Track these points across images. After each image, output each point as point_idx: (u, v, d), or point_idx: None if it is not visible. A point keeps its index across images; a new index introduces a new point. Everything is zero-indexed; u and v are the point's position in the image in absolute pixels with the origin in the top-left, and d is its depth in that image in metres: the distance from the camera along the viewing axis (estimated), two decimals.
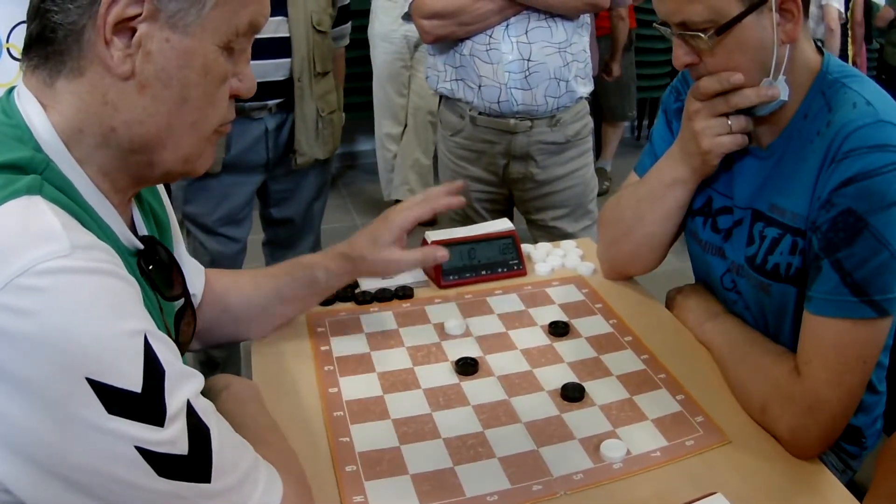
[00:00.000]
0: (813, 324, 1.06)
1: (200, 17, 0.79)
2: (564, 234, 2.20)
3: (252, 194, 2.27)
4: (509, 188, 2.25)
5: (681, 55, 1.17)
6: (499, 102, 2.07)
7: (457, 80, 2.13)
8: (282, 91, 2.14)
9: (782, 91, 1.14)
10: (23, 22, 1.46)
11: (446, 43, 2.12)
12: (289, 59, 2.12)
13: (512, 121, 2.10)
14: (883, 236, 1.01)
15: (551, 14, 2.03)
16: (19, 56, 1.48)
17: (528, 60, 2.03)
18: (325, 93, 2.28)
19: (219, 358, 2.27)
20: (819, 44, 1.21)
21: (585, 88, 2.16)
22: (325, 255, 1.28)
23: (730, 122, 1.20)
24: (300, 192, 2.37)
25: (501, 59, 2.03)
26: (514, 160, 2.17)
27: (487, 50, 2.04)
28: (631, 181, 1.45)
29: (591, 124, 2.27)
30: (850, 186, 1.03)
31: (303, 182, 2.35)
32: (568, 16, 2.05)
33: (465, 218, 2.28)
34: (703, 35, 1.11)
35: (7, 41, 1.50)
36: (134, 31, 0.78)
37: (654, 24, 1.22)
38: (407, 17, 2.18)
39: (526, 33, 2.02)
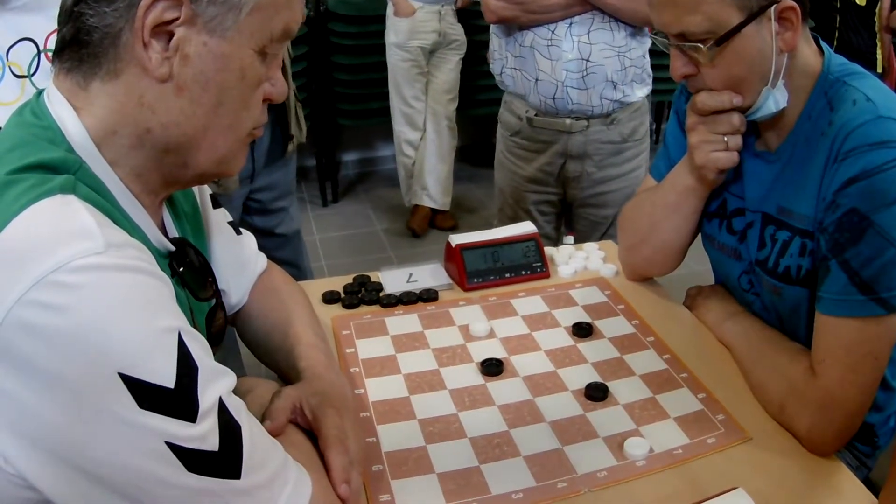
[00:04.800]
0: (824, 324, 1.07)
1: (237, 21, 0.81)
2: (609, 233, 2.22)
3: (240, 208, 2.23)
4: (564, 187, 2.27)
5: (679, 67, 1.16)
6: (554, 99, 2.09)
7: (516, 69, 2.15)
8: None
9: (781, 97, 1.14)
10: (21, 40, 1.49)
11: (510, 28, 2.14)
12: None
13: (567, 120, 2.12)
14: (888, 233, 1.01)
15: (615, 18, 2.04)
16: (20, 73, 1.51)
17: (587, 61, 2.04)
18: (293, 79, 2.29)
19: (216, 357, 2.22)
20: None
21: (642, 91, 2.17)
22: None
23: (726, 139, 1.20)
24: (282, 185, 2.33)
25: (561, 56, 2.05)
26: (571, 159, 2.18)
27: (548, 45, 2.06)
28: (647, 185, 1.47)
29: (648, 123, 2.26)
30: (853, 186, 1.03)
31: (282, 176, 2.32)
32: (633, 24, 2.05)
33: (517, 219, 2.28)
34: (702, 46, 1.11)
35: (7, 59, 1.52)
36: (172, 34, 0.79)
37: (650, 35, 1.22)
38: None
39: (588, 34, 2.03)
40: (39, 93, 0.86)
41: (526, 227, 1.58)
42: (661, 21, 1.14)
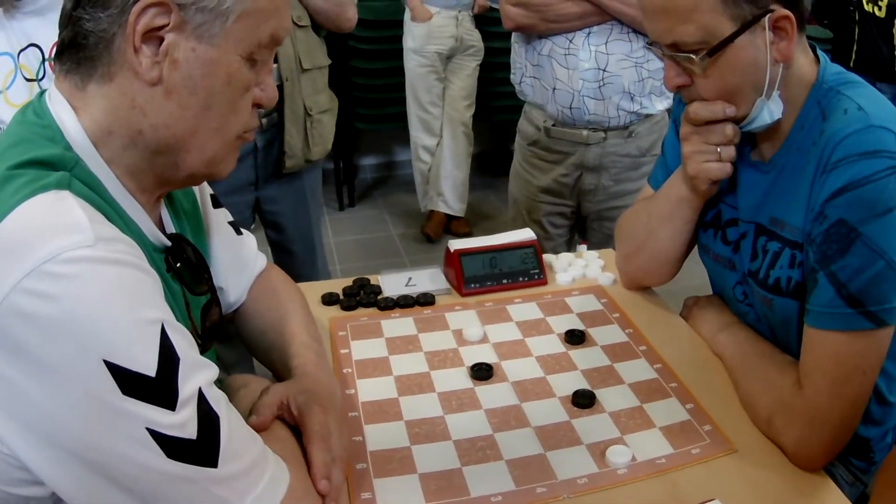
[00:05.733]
0: (812, 337, 1.06)
1: (224, 28, 0.83)
2: None
3: (245, 214, 2.23)
4: (578, 200, 2.25)
5: (672, 77, 1.16)
6: (570, 108, 2.08)
7: (535, 77, 2.15)
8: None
9: (776, 108, 1.13)
10: (30, 45, 1.54)
11: (530, 36, 2.14)
12: (276, 66, 2.07)
13: (584, 132, 2.11)
14: (877, 245, 1.00)
15: (635, 29, 2.03)
16: (30, 77, 1.55)
17: (604, 71, 2.03)
18: (314, 92, 2.25)
19: (229, 360, 2.22)
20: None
21: (662, 104, 2.15)
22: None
23: (719, 150, 1.20)
24: (293, 201, 2.33)
25: (578, 65, 2.04)
26: (588, 171, 2.17)
27: (566, 55, 2.05)
28: (645, 194, 1.47)
29: None
30: (841, 196, 1.02)
31: (294, 192, 2.31)
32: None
33: None
34: (694, 56, 1.10)
35: (18, 62, 1.56)
36: (162, 39, 0.82)
37: (645, 45, 1.22)
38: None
39: (606, 44, 2.03)
40: (42, 93, 0.90)
41: (525, 234, 1.59)
42: (654, 30, 1.14)
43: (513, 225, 2.39)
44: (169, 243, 0.96)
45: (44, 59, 1.53)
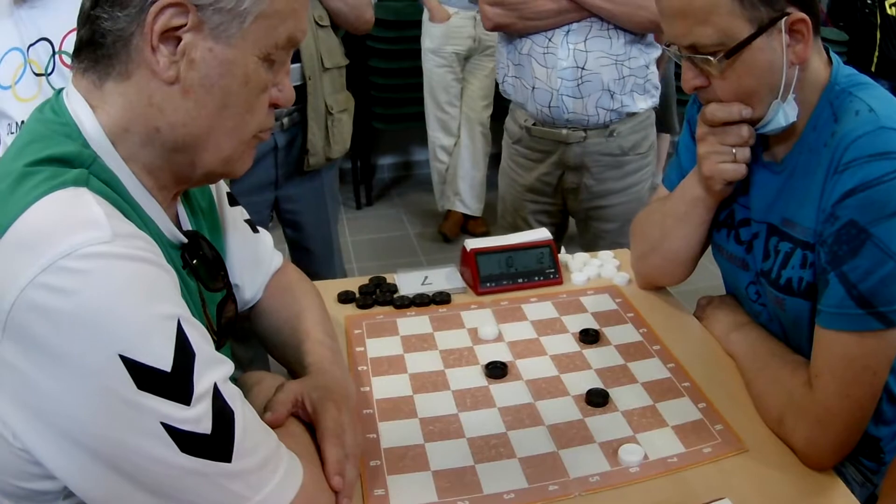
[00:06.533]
0: (822, 337, 1.07)
1: (241, 29, 0.85)
2: (613, 243, 2.20)
3: (264, 213, 2.25)
4: (563, 198, 2.25)
5: (690, 78, 1.17)
6: (549, 107, 2.07)
7: (516, 77, 2.15)
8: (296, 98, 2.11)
9: (791, 111, 1.14)
10: (40, 40, 1.55)
11: (511, 36, 2.14)
12: (299, 64, 2.11)
13: (564, 131, 2.10)
14: (887, 247, 1.00)
15: (615, 26, 2.02)
16: (39, 72, 1.56)
17: (583, 69, 2.02)
18: (334, 91, 2.27)
19: (244, 358, 2.23)
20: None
21: (644, 104, 2.13)
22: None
23: (734, 151, 1.21)
24: (311, 200, 2.34)
25: (556, 64, 2.03)
26: (569, 171, 2.17)
27: (544, 53, 2.05)
28: (660, 195, 1.47)
29: (654, 138, 2.23)
30: (852, 198, 1.03)
31: (313, 190, 2.33)
32: (631, 30, 2.04)
33: (516, 229, 2.29)
34: (712, 58, 1.11)
35: (28, 56, 1.57)
36: (179, 39, 0.83)
37: (663, 47, 1.23)
38: (474, 1, 2.18)
39: (584, 41, 2.02)
40: (59, 91, 0.91)
41: (541, 234, 1.60)
42: (671, 32, 1.15)
43: (501, 222, 2.40)
44: (185, 240, 0.98)
45: (54, 53, 1.54)
